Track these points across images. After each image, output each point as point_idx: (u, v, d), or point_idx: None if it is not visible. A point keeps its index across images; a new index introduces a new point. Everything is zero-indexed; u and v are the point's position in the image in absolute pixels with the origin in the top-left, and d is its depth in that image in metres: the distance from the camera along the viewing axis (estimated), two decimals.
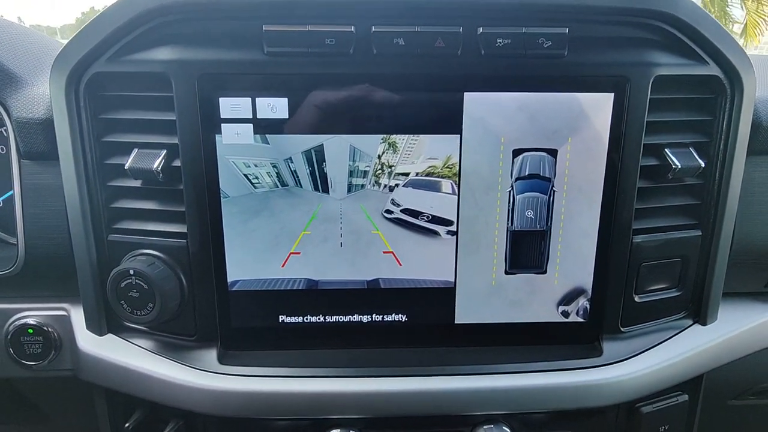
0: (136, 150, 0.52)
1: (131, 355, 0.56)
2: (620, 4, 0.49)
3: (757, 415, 0.77)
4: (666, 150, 0.53)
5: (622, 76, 0.50)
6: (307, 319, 0.56)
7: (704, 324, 0.60)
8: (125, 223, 0.55)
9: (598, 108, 0.51)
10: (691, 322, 0.60)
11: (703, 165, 0.53)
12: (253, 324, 0.56)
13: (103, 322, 0.57)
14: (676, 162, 0.53)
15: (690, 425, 0.62)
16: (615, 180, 0.53)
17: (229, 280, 0.54)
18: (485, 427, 0.53)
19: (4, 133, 0.57)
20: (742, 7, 9.98)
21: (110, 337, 0.58)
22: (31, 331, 0.60)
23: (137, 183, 0.53)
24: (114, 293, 0.52)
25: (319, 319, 0.56)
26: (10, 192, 0.63)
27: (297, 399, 0.53)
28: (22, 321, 0.59)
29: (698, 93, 0.53)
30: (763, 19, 9.78)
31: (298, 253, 0.54)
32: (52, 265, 0.57)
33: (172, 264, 0.54)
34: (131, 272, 0.51)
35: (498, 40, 0.49)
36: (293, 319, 0.56)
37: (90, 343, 0.57)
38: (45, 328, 0.60)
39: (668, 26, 0.49)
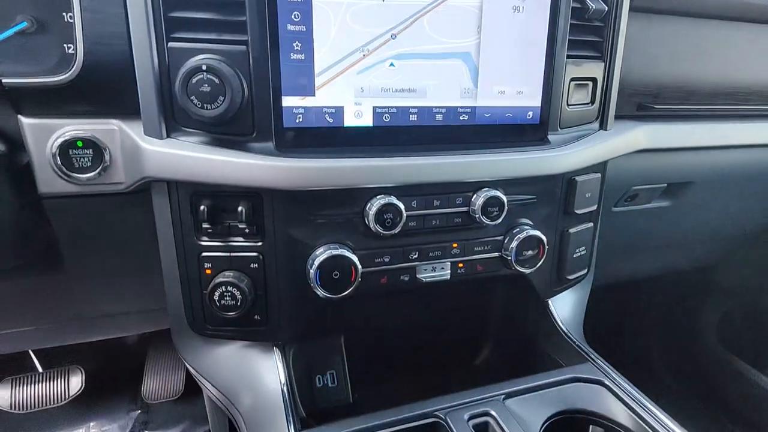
0: None
1: (196, 150, 0.63)
2: None
3: (628, 219, 1.13)
4: None
5: None
6: (350, 123, 0.69)
7: (606, 129, 0.88)
8: (185, 33, 0.61)
9: None
10: (598, 128, 0.87)
11: (606, 9, 0.79)
12: (301, 125, 0.68)
13: (163, 126, 0.64)
14: (591, 5, 0.78)
15: (600, 196, 0.90)
16: (556, 18, 0.75)
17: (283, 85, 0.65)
18: (484, 189, 0.74)
19: None
20: None
21: (169, 140, 0.64)
22: (80, 143, 0.63)
23: None
24: (184, 88, 0.60)
25: (358, 123, 0.70)
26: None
27: (346, 171, 0.67)
28: (72, 133, 0.63)
29: None
30: None
31: None
32: (106, 76, 0.61)
33: (234, 66, 0.62)
34: (203, 68, 0.60)
35: None
36: (336, 123, 0.69)
37: (153, 144, 0.63)
38: (95, 141, 0.64)
39: None
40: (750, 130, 1.06)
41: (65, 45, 0.60)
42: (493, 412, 0.69)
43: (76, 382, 1.24)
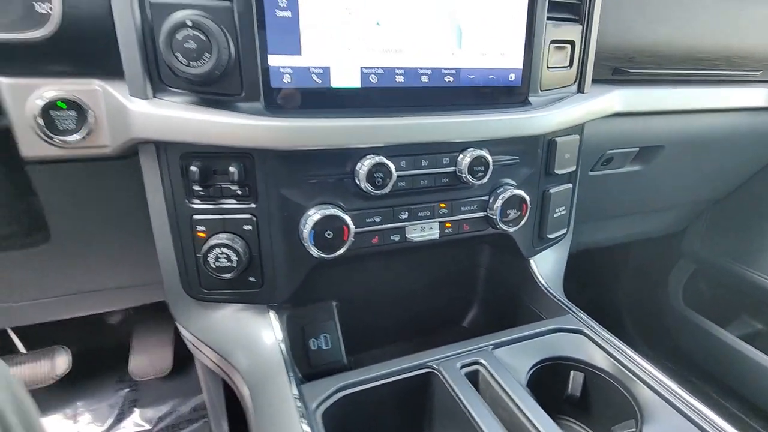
0: None
1: (184, 109, 0.63)
2: None
3: (603, 183, 1.17)
4: None
5: None
6: (337, 84, 0.69)
7: (583, 92, 0.91)
8: None
9: None
10: (576, 91, 0.90)
11: None
12: (289, 85, 0.68)
13: (148, 86, 0.62)
14: None
15: (578, 158, 0.93)
16: None
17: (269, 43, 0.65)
18: (469, 149, 0.76)
19: None
20: None
21: (156, 100, 0.63)
22: (62, 104, 0.62)
23: None
24: (169, 45, 0.59)
25: (346, 84, 0.70)
26: None
27: (336, 130, 0.67)
28: (52, 93, 0.61)
29: None
30: None
31: None
32: (85, 31, 0.60)
33: (218, 22, 0.61)
34: (188, 23, 0.59)
35: None
36: (324, 84, 0.69)
37: (138, 105, 0.62)
38: (78, 102, 0.62)
39: None
40: (717, 95, 1.12)
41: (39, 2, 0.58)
42: (483, 361, 0.72)
43: (63, 362, 1.22)
